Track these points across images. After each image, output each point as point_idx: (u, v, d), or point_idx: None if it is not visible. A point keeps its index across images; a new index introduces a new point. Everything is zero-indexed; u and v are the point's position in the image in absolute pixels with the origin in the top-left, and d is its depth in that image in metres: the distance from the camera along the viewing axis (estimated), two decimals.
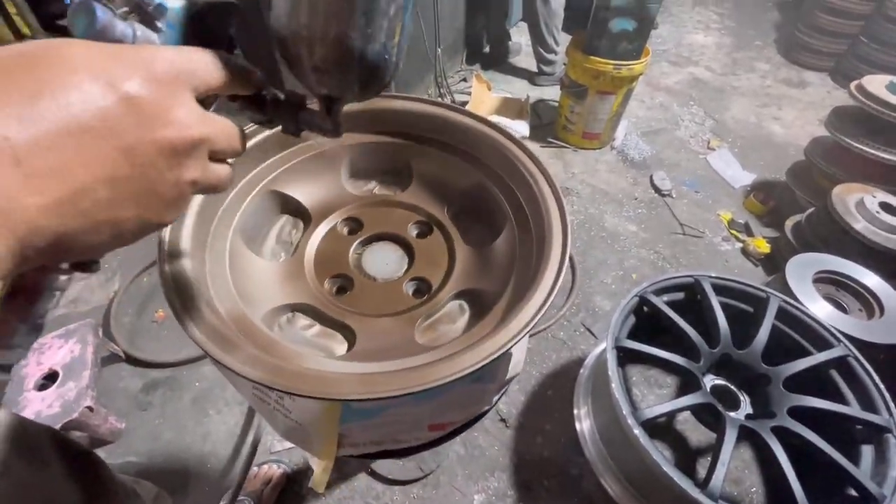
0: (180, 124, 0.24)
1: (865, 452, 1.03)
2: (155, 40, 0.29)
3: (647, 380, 1.30)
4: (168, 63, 0.25)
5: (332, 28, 0.31)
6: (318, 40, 0.31)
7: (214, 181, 0.29)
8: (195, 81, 0.26)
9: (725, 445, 0.96)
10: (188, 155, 0.26)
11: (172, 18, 0.30)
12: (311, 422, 0.55)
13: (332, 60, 0.32)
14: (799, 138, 2.58)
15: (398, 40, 0.34)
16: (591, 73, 2.06)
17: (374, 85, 0.35)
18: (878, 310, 1.39)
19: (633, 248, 1.88)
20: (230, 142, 0.29)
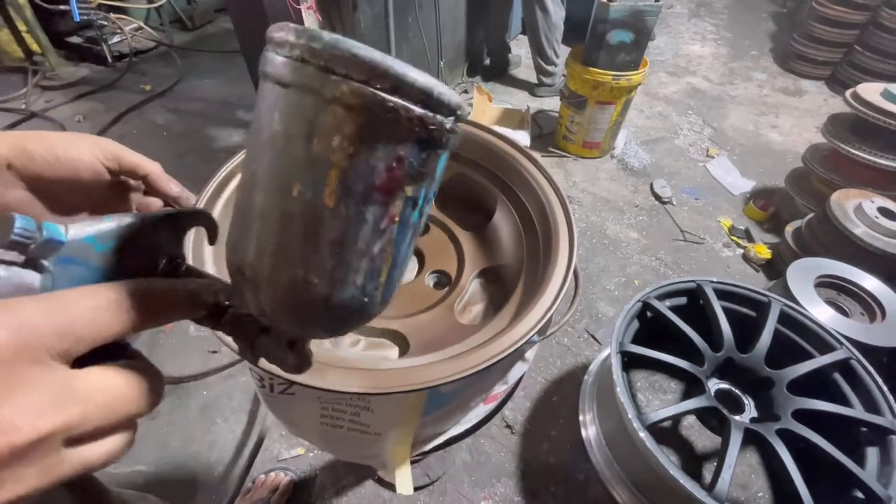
0: (4, 426, 0.18)
1: (871, 454, 1.03)
2: (34, 285, 0.22)
3: (652, 385, 1.30)
4: (15, 329, 0.19)
5: (282, 272, 0.23)
6: (265, 285, 0.24)
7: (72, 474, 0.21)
8: (65, 343, 0.20)
9: (731, 448, 0.97)
10: (11, 464, 0.18)
11: (76, 252, 0.23)
12: (391, 426, 0.55)
13: (282, 310, 0.25)
14: (797, 145, 2.61)
15: (385, 278, 0.26)
16: (590, 84, 2.10)
17: (345, 330, 0.28)
18: (880, 313, 1.40)
19: (634, 254, 1.89)
20: (122, 410, 0.22)
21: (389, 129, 0.21)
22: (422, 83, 0.21)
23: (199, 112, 2.75)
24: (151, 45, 3.35)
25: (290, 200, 0.22)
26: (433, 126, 0.21)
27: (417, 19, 2.15)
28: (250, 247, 0.24)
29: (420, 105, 0.21)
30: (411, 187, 0.23)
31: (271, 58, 0.22)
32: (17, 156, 0.36)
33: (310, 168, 0.21)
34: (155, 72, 3.14)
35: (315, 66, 0.20)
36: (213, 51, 3.41)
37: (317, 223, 0.22)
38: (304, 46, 0.20)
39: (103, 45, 3.00)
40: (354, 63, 0.20)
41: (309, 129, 0.21)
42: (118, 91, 2.90)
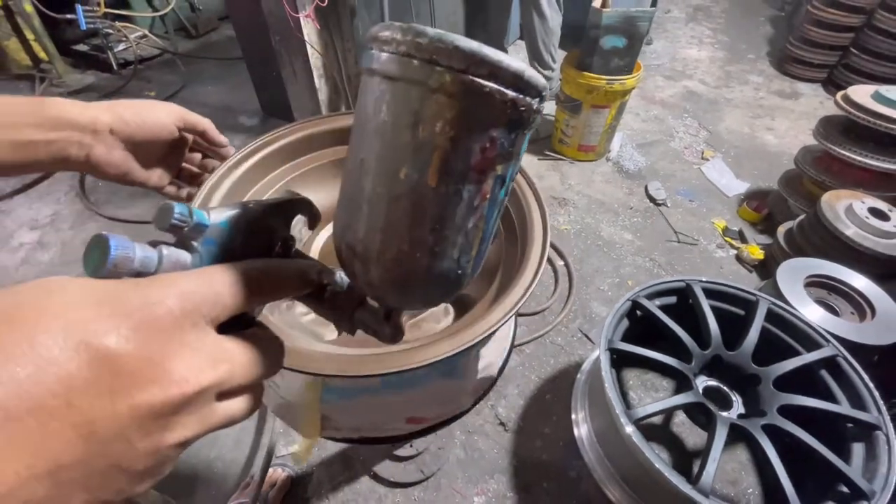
0: (172, 379, 0.21)
1: (856, 450, 1.04)
2: (187, 262, 0.25)
3: (644, 384, 1.33)
4: (178, 299, 0.22)
5: (390, 247, 0.26)
6: (374, 260, 0.27)
7: (219, 425, 0.24)
8: (216, 310, 0.23)
9: (716, 443, 0.99)
10: (178, 412, 0.21)
11: (213, 234, 0.26)
12: (296, 398, 0.59)
13: (389, 281, 0.28)
14: (792, 147, 2.62)
15: (476, 252, 0.28)
16: (584, 89, 2.13)
17: (440, 300, 0.31)
18: (870, 312, 1.41)
19: (628, 255, 1.92)
20: (256, 372, 0.25)
21: (486, 113, 0.23)
22: (515, 68, 0.23)
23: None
24: (156, 52, 3.41)
25: (397, 183, 0.24)
26: (523, 107, 0.23)
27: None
28: (361, 226, 0.27)
29: (513, 89, 0.23)
30: (501, 166, 0.25)
31: (377, 55, 0.24)
32: (117, 122, 0.47)
33: (416, 152, 0.24)
34: (159, 79, 3.20)
35: (420, 60, 0.22)
36: (216, 58, 3.47)
37: (421, 202, 0.25)
38: (410, 42, 0.22)
39: (109, 53, 3.07)
40: (456, 54, 0.22)
41: (415, 117, 0.23)
42: (123, 97, 2.91)
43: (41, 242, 1.97)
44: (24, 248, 1.94)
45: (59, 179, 2.30)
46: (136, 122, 0.48)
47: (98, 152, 0.47)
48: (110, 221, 2.04)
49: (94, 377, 0.19)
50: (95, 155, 0.47)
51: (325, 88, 1.85)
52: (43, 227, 2.03)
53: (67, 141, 0.45)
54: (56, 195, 2.20)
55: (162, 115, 0.51)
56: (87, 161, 0.47)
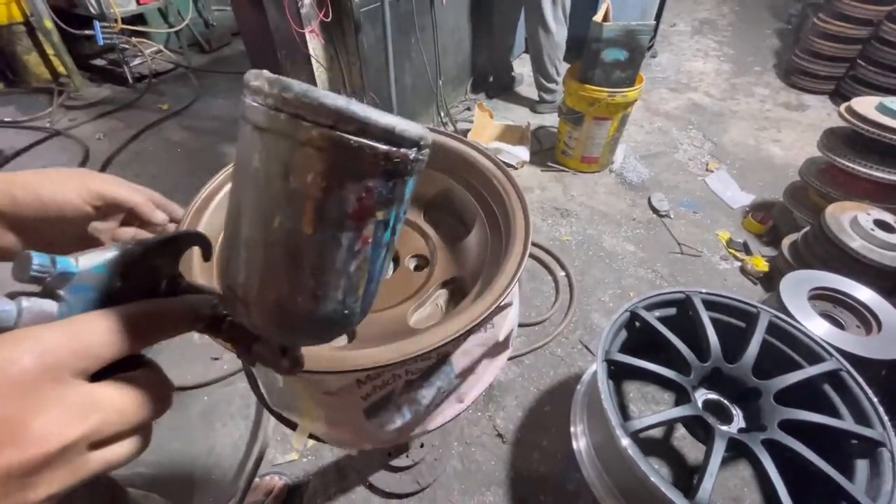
0: (31, 438, 0.20)
1: (860, 467, 1.02)
2: (52, 313, 0.24)
3: (644, 396, 1.31)
4: (36, 355, 0.21)
5: (270, 291, 0.26)
6: (254, 303, 0.27)
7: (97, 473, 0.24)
8: (84, 362, 0.23)
9: (714, 457, 0.97)
10: (40, 470, 0.21)
11: (88, 280, 0.26)
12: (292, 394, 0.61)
13: (272, 323, 0.28)
14: (798, 159, 2.60)
15: (363, 291, 0.28)
16: (586, 101, 2.15)
17: (330, 338, 0.30)
18: (876, 325, 1.39)
19: (630, 267, 1.91)
20: (136, 417, 0.25)
21: (357, 166, 0.23)
22: (384, 123, 0.23)
23: (212, 130, 2.87)
24: (170, 66, 3.52)
25: (272, 230, 0.25)
26: (398, 159, 0.24)
27: (419, 41, 2.23)
28: (240, 270, 0.26)
29: (384, 142, 0.23)
30: (381, 212, 0.25)
31: (248, 104, 0.24)
32: (6, 204, 0.41)
33: (288, 201, 0.24)
34: (173, 92, 3.29)
35: (287, 114, 0.22)
36: (228, 72, 3.56)
37: (297, 249, 0.25)
38: (276, 96, 0.22)
39: (125, 68, 3.17)
40: (322, 110, 0.22)
41: (285, 168, 0.23)
42: (137, 110, 3.04)
43: None
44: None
45: None
46: (31, 205, 0.41)
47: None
48: None
49: None
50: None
51: None
52: None
53: None
54: None
55: (70, 193, 0.43)
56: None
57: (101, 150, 2.63)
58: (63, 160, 2.54)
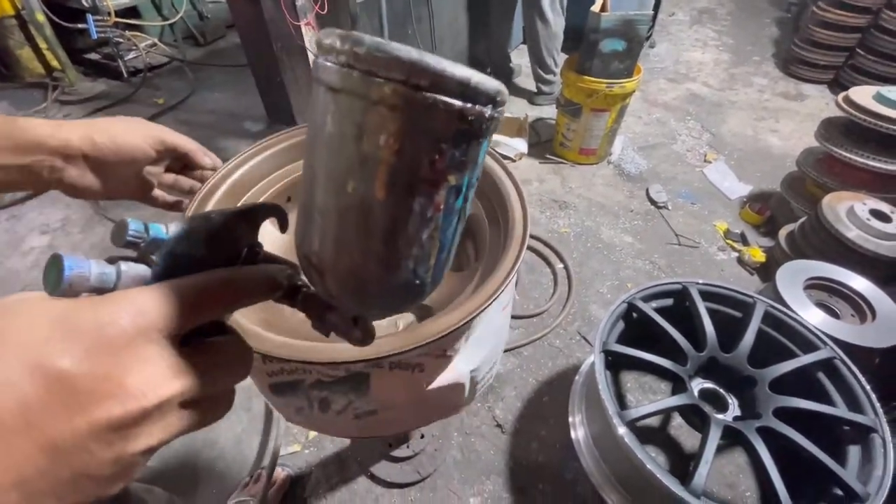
0: (129, 394, 0.22)
1: (852, 452, 1.04)
2: (147, 276, 0.26)
3: (642, 386, 1.33)
4: (132, 316, 0.22)
5: (343, 259, 0.26)
6: (329, 270, 0.27)
7: (187, 431, 0.25)
8: (173, 324, 0.24)
9: (709, 444, 0.99)
10: (139, 424, 0.22)
11: (175, 247, 0.27)
12: None
13: (345, 291, 0.28)
14: (797, 149, 2.59)
15: (434, 261, 0.28)
16: (584, 92, 2.14)
17: (402, 309, 0.31)
18: (871, 314, 1.40)
19: (628, 258, 1.92)
20: (220, 381, 0.26)
21: (432, 125, 0.22)
22: (459, 76, 0.21)
23: (209, 124, 2.85)
24: (165, 60, 3.49)
25: (345, 196, 0.24)
26: (472, 116, 0.22)
27: (416, 32, 2.22)
28: (314, 237, 0.27)
29: (459, 98, 0.22)
30: (454, 176, 0.24)
31: (321, 64, 0.23)
32: (88, 146, 0.48)
33: (361, 165, 0.23)
34: (168, 86, 3.26)
35: (360, 71, 0.21)
36: (223, 65, 3.54)
37: (370, 215, 0.24)
38: (349, 52, 0.21)
39: (119, 62, 3.14)
40: (395, 64, 0.21)
41: (358, 129, 0.22)
42: (133, 104, 3.02)
43: (51, 246, 2.02)
44: (34, 252, 1.99)
45: None
46: (108, 147, 0.49)
47: (70, 175, 0.48)
48: None
49: (49, 397, 0.20)
50: (67, 178, 0.48)
51: None
52: (54, 232, 2.09)
53: (39, 164, 0.46)
54: (66, 199, 2.24)
55: (138, 138, 0.51)
56: (60, 183, 0.48)
57: None
58: None
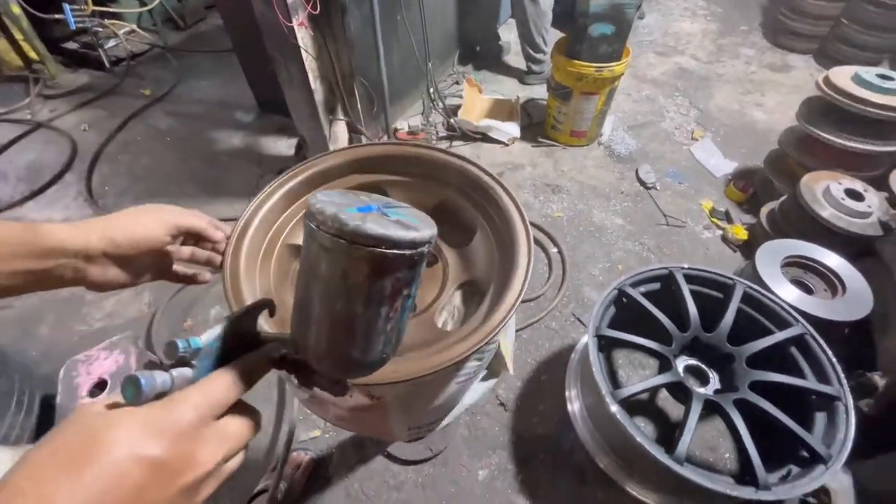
0: (198, 464, 0.31)
1: (819, 419, 1.16)
2: (189, 376, 0.35)
3: (632, 362, 1.44)
4: (193, 411, 0.32)
5: (335, 349, 0.38)
6: (323, 357, 0.39)
7: (228, 477, 0.35)
8: (217, 409, 0.34)
9: (691, 416, 1.11)
10: (204, 482, 0.32)
11: (205, 352, 0.37)
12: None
13: (334, 368, 0.40)
14: (780, 124, 2.66)
15: (394, 341, 0.40)
16: (574, 76, 2.17)
17: (370, 373, 0.41)
18: (841, 289, 1.51)
19: (619, 240, 2.01)
20: (243, 441, 0.36)
21: (392, 267, 0.35)
22: (411, 238, 0.34)
23: (198, 115, 2.84)
24: (146, 47, 3.40)
25: (334, 311, 0.36)
26: (416, 256, 0.35)
27: (405, 19, 2.21)
28: (311, 336, 0.38)
29: (408, 248, 0.34)
30: (406, 289, 0.37)
31: (313, 230, 0.34)
32: (108, 245, 0.52)
33: (346, 292, 0.35)
34: (153, 75, 3.20)
35: (346, 241, 0.33)
36: (207, 50, 3.46)
37: (352, 322, 0.37)
38: (337, 229, 0.33)
39: (100, 51, 3.07)
40: (369, 237, 0.32)
41: (344, 272, 0.34)
42: (119, 97, 2.98)
43: None
44: None
45: (67, 184, 2.37)
46: (127, 242, 0.52)
47: (93, 274, 0.52)
48: None
49: (152, 476, 0.29)
50: (91, 277, 0.52)
51: (320, 90, 1.89)
52: None
53: (62, 268, 0.49)
54: (65, 201, 2.27)
55: (154, 229, 0.55)
56: (84, 281, 0.52)
57: (88, 142, 2.60)
58: (50, 155, 2.52)
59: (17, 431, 1.34)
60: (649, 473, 1.29)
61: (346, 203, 0.36)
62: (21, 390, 1.40)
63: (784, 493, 1.00)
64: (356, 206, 0.36)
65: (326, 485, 1.33)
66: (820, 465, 1.03)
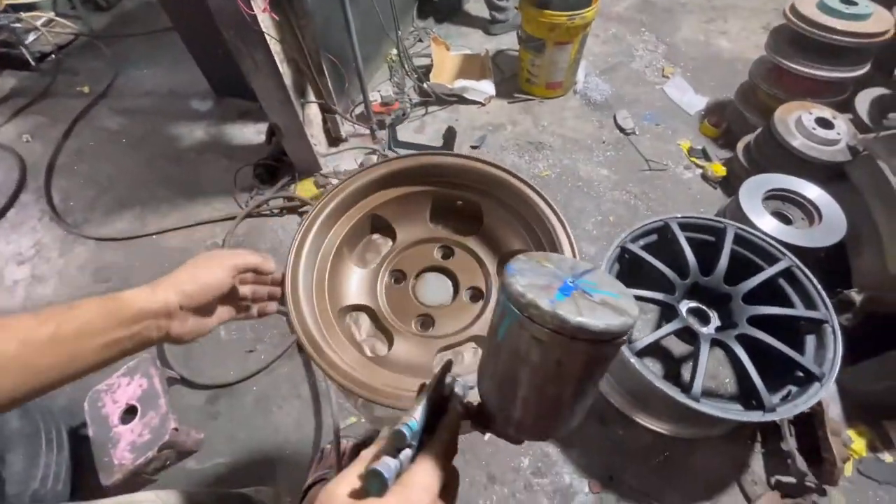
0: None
1: (809, 341, 1.29)
2: (410, 455, 0.37)
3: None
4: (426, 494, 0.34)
5: (539, 424, 0.40)
6: (527, 429, 0.41)
7: None
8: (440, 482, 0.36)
9: (701, 357, 1.22)
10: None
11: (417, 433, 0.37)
12: None
13: (533, 436, 0.42)
14: (745, 51, 2.71)
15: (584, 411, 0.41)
16: (546, 27, 2.11)
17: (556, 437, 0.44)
18: (818, 217, 1.62)
19: (607, 191, 2.06)
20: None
21: (605, 354, 0.35)
22: (618, 328, 0.33)
23: (150, 109, 2.63)
24: (71, 37, 3.06)
25: (544, 394, 0.38)
26: (620, 342, 0.35)
27: None
28: (515, 410, 0.40)
29: (619, 337, 0.34)
30: (605, 370, 0.39)
31: (524, 320, 0.34)
32: (184, 299, 0.56)
33: (559, 378, 0.36)
34: (86, 68, 2.92)
35: (567, 336, 0.32)
36: (140, 33, 3.15)
37: (559, 402, 0.38)
38: (557, 324, 0.32)
39: (21, 48, 2.75)
40: (587, 331, 0.32)
41: (558, 361, 0.34)
42: (55, 98, 2.72)
43: (35, 276, 1.95)
44: (20, 285, 1.93)
45: (24, 205, 2.21)
46: (199, 293, 0.56)
47: (175, 328, 0.56)
48: (99, 242, 2.02)
49: None
50: (173, 331, 0.56)
51: (288, 72, 1.78)
52: (31, 260, 2.00)
53: (147, 329, 0.53)
54: (29, 223, 2.13)
55: (220, 274, 0.59)
56: (168, 337, 0.56)
57: (35, 155, 2.40)
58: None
59: (54, 469, 1.35)
60: (662, 407, 1.43)
61: (546, 284, 0.36)
62: (47, 429, 1.39)
63: (787, 412, 1.13)
64: (557, 287, 0.35)
65: None
66: (815, 383, 1.17)
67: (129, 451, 1.32)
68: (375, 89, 2.48)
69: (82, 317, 0.48)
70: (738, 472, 1.40)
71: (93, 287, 1.88)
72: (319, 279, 0.78)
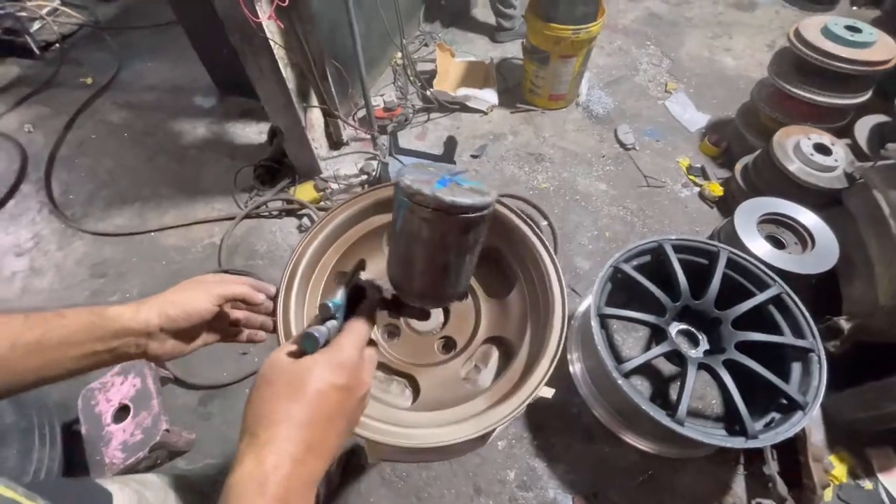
0: (365, 383, 0.47)
1: (795, 369, 1.31)
2: (336, 326, 0.48)
3: (626, 327, 1.56)
4: (353, 350, 0.46)
5: (435, 289, 0.53)
6: (426, 296, 0.54)
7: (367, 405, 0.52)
8: (364, 343, 0.48)
9: (688, 382, 1.24)
10: (367, 394, 0.48)
11: (339, 307, 0.50)
12: None
13: (428, 301, 0.55)
14: (749, 69, 2.72)
15: (467, 278, 0.54)
16: (551, 40, 2.12)
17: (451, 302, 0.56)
18: (811, 243, 1.63)
19: (604, 206, 2.08)
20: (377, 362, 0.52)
21: (476, 225, 0.48)
22: (487, 203, 0.47)
23: (153, 104, 2.64)
24: (76, 27, 3.06)
25: (432, 262, 0.50)
26: (490, 214, 0.48)
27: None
28: (415, 282, 0.52)
29: (487, 210, 0.47)
30: (480, 239, 0.51)
31: (414, 206, 0.45)
32: (166, 322, 0.57)
33: (444, 248, 0.49)
34: (90, 59, 2.92)
35: (444, 212, 0.44)
36: (145, 26, 3.15)
37: (446, 268, 0.51)
38: (438, 204, 0.44)
39: (26, 36, 2.75)
40: (462, 207, 0.44)
41: (443, 234, 0.47)
42: (59, 88, 2.72)
43: (34, 268, 1.96)
44: (18, 276, 1.94)
45: (25, 195, 2.22)
46: (181, 318, 0.58)
47: (153, 348, 0.58)
48: (97, 237, 2.03)
49: (343, 396, 0.43)
50: (150, 350, 0.58)
51: (292, 77, 1.79)
52: (29, 252, 2.01)
53: (126, 346, 0.55)
54: (29, 215, 2.14)
55: (204, 302, 0.60)
56: (146, 354, 0.58)
57: (37, 146, 2.40)
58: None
59: (47, 463, 1.36)
60: (648, 427, 1.45)
61: (428, 179, 0.46)
62: (41, 424, 1.40)
63: (769, 439, 1.15)
64: (436, 180, 0.46)
65: (361, 472, 1.43)
66: (799, 412, 1.19)
67: (121, 450, 1.33)
68: (379, 93, 2.49)
69: (68, 326, 0.51)
70: (721, 493, 1.42)
71: (89, 282, 1.90)
72: (311, 308, 0.78)
